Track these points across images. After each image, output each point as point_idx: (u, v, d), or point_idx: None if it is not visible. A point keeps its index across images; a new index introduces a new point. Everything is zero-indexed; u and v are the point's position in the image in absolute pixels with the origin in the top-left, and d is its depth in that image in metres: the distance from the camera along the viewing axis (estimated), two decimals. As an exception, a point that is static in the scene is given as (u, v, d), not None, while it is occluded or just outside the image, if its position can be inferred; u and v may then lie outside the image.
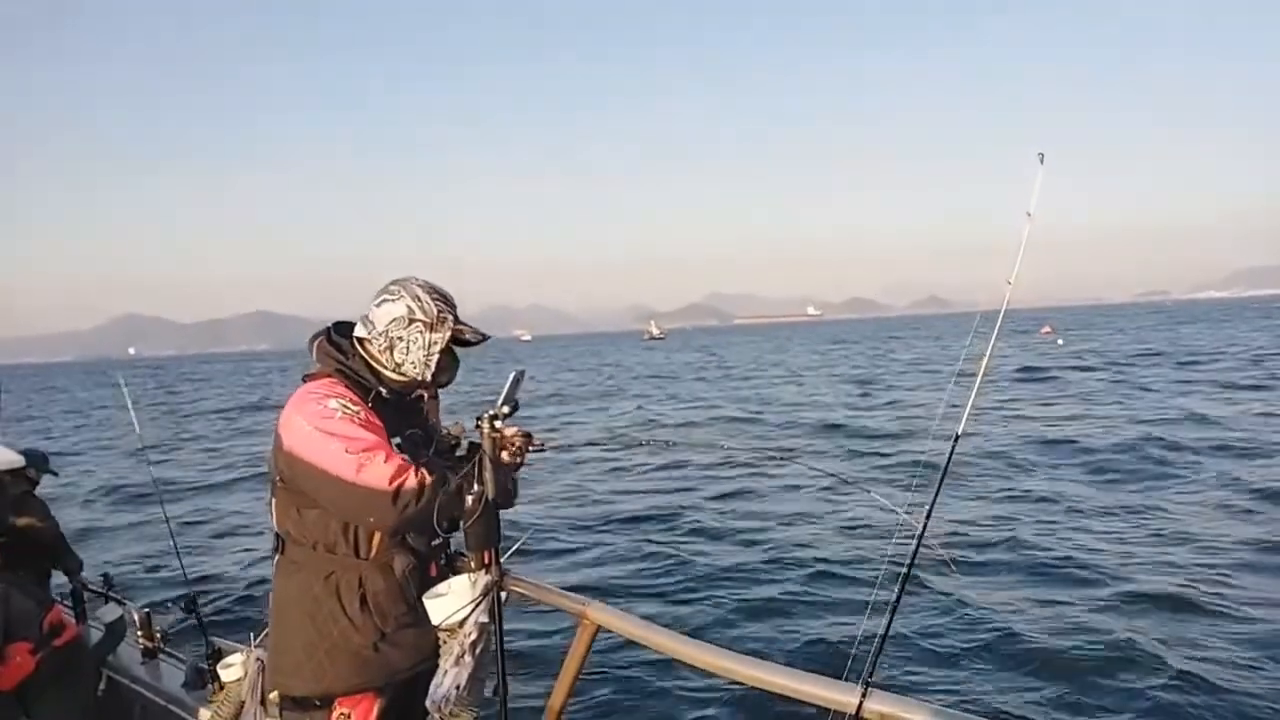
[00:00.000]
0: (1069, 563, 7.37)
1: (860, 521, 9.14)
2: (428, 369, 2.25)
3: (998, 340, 1.97)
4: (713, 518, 9.81)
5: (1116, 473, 11.41)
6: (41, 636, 3.28)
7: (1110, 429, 14.68)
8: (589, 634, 2.25)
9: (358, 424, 2.09)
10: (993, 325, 1.98)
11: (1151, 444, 12.96)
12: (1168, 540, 8.00)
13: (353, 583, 2.18)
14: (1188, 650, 5.48)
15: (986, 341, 1.98)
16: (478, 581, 2.14)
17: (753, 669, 1.90)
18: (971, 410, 1.90)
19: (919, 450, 13.34)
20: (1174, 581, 6.73)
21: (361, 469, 2.01)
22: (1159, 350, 36.28)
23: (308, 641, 2.18)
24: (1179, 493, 10.02)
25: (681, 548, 8.56)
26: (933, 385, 25.64)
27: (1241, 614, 6.02)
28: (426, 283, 2.27)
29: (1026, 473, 11.73)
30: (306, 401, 2.14)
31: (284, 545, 2.25)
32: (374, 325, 2.24)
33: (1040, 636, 5.77)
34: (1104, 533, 8.42)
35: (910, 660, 5.46)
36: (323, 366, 2.25)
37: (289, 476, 2.14)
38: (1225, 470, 11.01)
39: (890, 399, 22.97)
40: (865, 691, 1.65)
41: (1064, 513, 9.32)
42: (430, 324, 2.22)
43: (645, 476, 12.65)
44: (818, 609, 6.59)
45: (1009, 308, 1.95)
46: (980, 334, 2.03)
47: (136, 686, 3.77)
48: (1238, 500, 9.48)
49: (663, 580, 7.58)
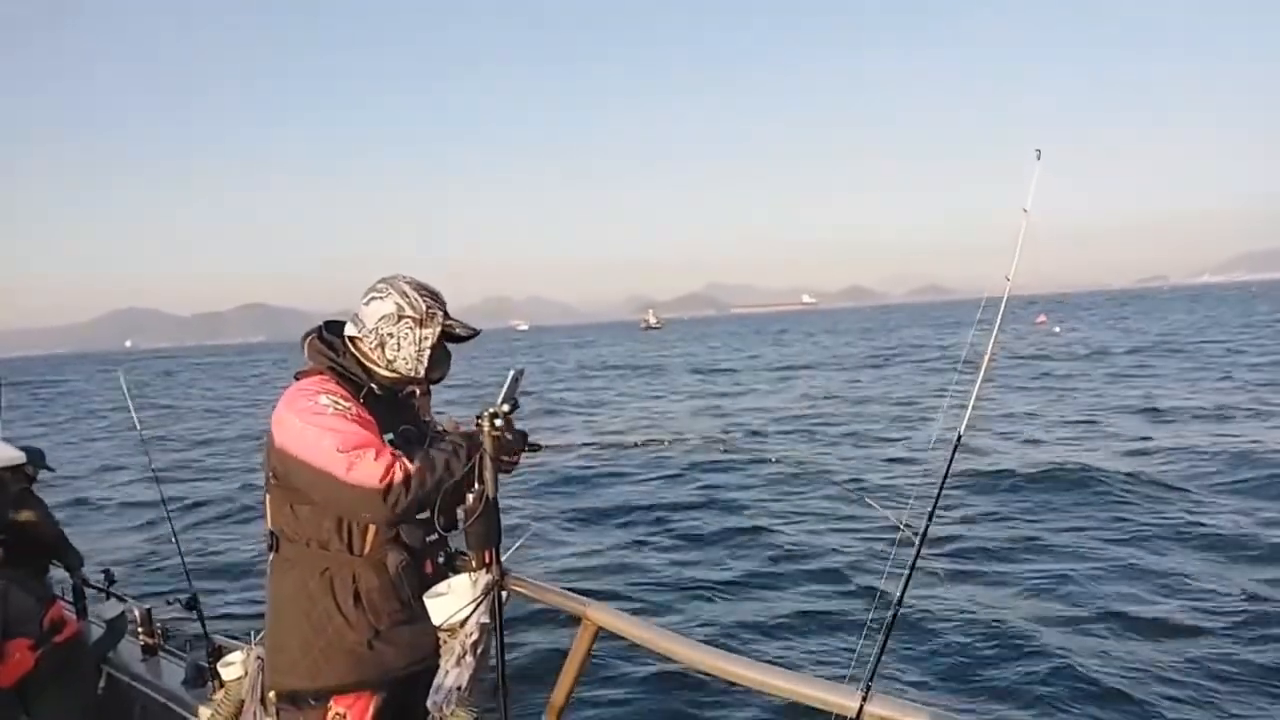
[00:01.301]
0: (1070, 563, 7.36)
1: (861, 523, 9.12)
2: (420, 364, 2.26)
3: (998, 337, 1.94)
4: (712, 519, 9.79)
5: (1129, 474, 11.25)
6: (42, 633, 3.28)
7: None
8: (590, 634, 2.24)
9: (349, 420, 2.09)
10: (992, 320, 1.95)
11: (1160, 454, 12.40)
12: (1180, 546, 7.89)
13: (347, 579, 2.18)
14: (1189, 652, 5.47)
15: (986, 338, 1.95)
16: (478, 581, 2.14)
17: (753, 671, 1.90)
18: (973, 411, 1.89)
19: (921, 451, 13.32)
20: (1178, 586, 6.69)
21: (352, 467, 2.02)
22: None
23: (303, 639, 2.19)
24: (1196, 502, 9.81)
25: (681, 549, 8.55)
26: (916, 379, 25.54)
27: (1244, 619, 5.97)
28: (414, 280, 2.29)
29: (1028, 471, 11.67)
30: (298, 398, 2.14)
31: (278, 543, 2.25)
32: (364, 323, 2.25)
33: (1041, 639, 5.77)
34: (1107, 536, 8.39)
35: (912, 663, 5.45)
36: (314, 364, 2.26)
37: (282, 473, 2.15)
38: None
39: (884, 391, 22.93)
40: (866, 695, 1.65)
41: (1065, 513, 9.30)
42: (419, 319, 2.24)
43: (645, 477, 12.62)
44: (818, 611, 6.58)
45: (1008, 304, 1.93)
46: (982, 328, 2.00)
47: (137, 684, 3.77)
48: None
49: (663, 582, 7.57)
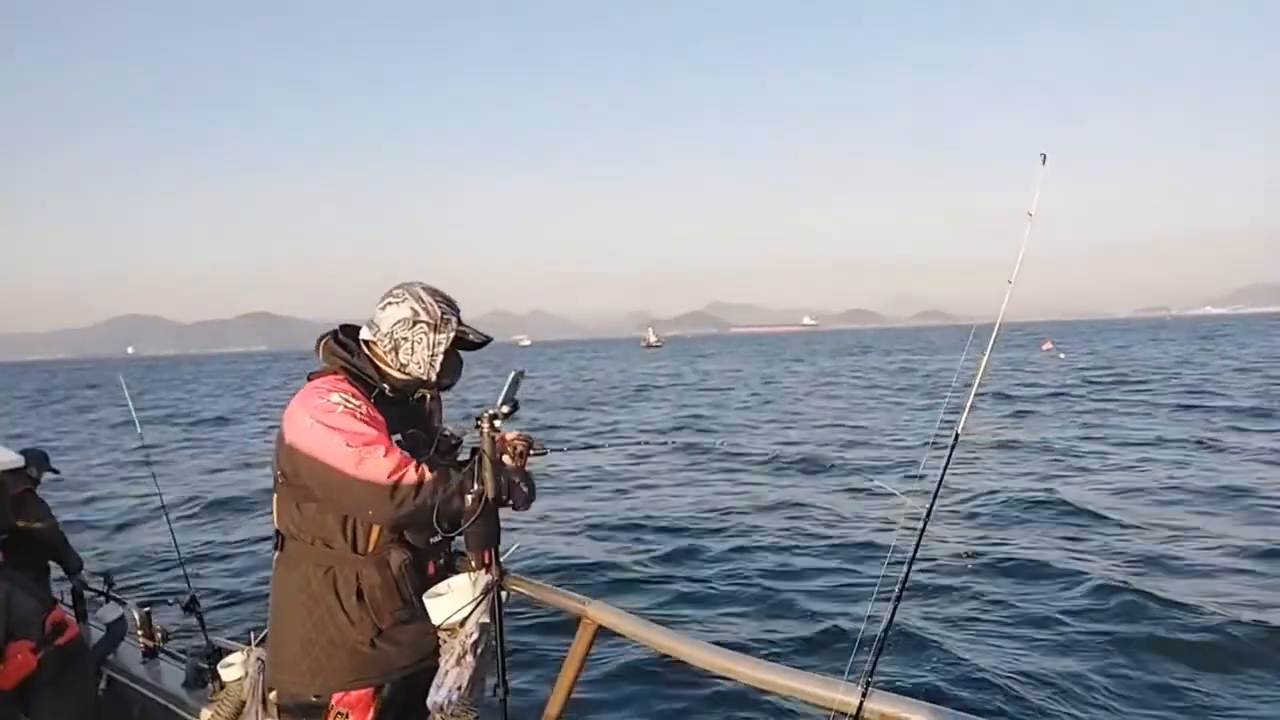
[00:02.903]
0: (1072, 565, 7.35)
1: (862, 523, 9.13)
2: (432, 369, 2.29)
3: (996, 343, 1.96)
4: (712, 519, 9.80)
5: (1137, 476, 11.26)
6: (44, 635, 3.28)
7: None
8: (589, 633, 2.25)
9: (359, 418, 2.11)
10: (991, 333, 1.97)
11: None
12: (1183, 547, 7.89)
13: (350, 578, 2.19)
14: (1191, 655, 5.46)
15: (986, 344, 1.98)
16: (478, 581, 2.14)
17: (753, 668, 1.91)
18: (971, 411, 1.90)
19: (923, 450, 13.33)
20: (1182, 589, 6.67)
21: (361, 462, 2.04)
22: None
23: (305, 638, 2.20)
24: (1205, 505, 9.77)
25: (681, 547, 8.55)
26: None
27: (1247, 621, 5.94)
28: (430, 286, 2.32)
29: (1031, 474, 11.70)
30: (310, 396, 2.17)
31: (284, 542, 2.27)
32: (379, 327, 2.28)
33: (1042, 639, 5.76)
34: (1110, 534, 8.40)
35: (911, 660, 5.45)
36: (328, 364, 2.28)
37: (290, 471, 2.17)
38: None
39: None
40: (866, 691, 1.66)
41: (1067, 513, 9.30)
42: (434, 325, 2.26)
43: (645, 477, 12.64)
44: (818, 609, 6.58)
45: (1010, 314, 1.95)
46: (978, 342, 2.03)
47: (137, 686, 3.76)
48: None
49: (663, 580, 7.57)
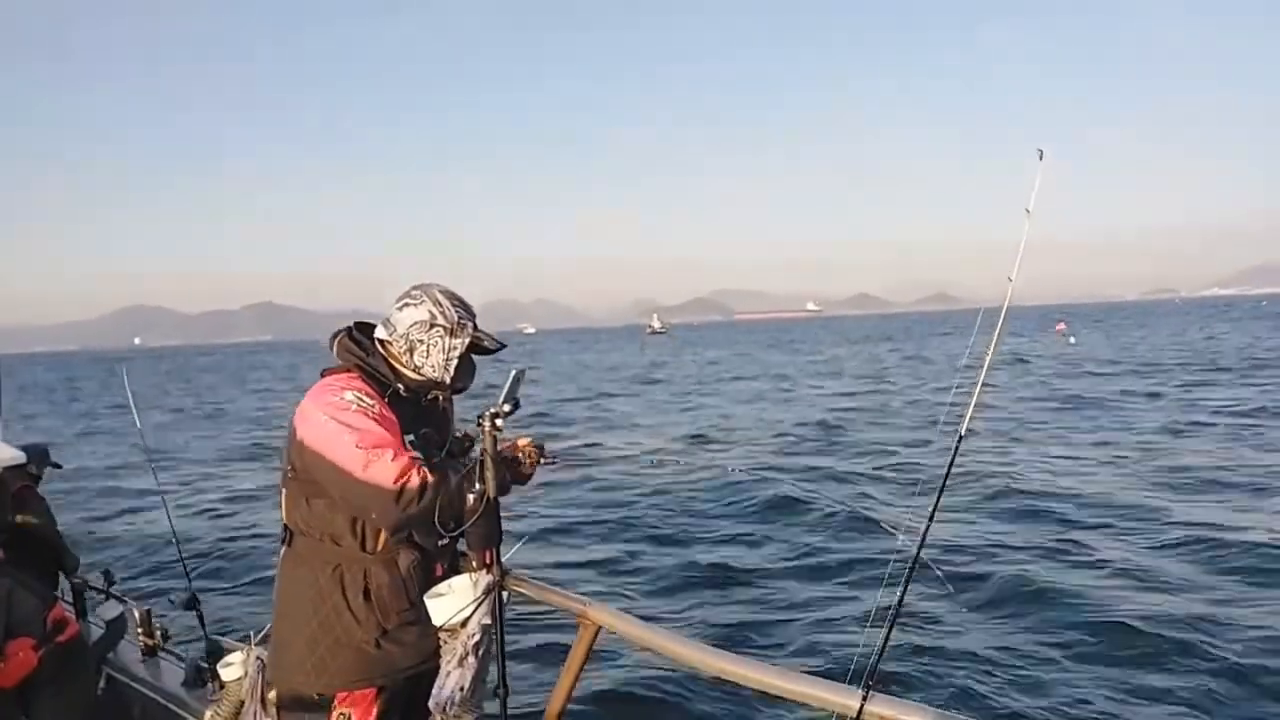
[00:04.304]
0: (1073, 564, 7.33)
1: (863, 524, 9.08)
2: (447, 373, 2.30)
3: (1000, 338, 1.95)
4: (712, 521, 9.77)
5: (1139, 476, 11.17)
6: (45, 633, 3.28)
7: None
8: (590, 634, 2.25)
9: (371, 418, 2.12)
10: (995, 322, 1.96)
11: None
12: (1184, 553, 7.73)
13: (358, 576, 2.19)
14: (1192, 657, 5.42)
15: (989, 339, 1.96)
16: (479, 581, 2.14)
17: (754, 671, 1.90)
18: (975, 409, 1.89)
19: (924, 449, 13.29)
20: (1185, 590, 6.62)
21: (369, 465, 2.04)
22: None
23: (310, 636, 2.20)
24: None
25: (681, 552, 8.50)
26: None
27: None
28: (447, 290, 2.33)
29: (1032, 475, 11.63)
30: (323, 393, 2.18)
31: (291, 538, 2.27)
32: (395, 328, 2.29)
33: (1042, 642, 5.73)
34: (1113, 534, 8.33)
35: (912, 664, 5.42)
36: (343, 362, 2.29)
37: (300, 467, 2.18)
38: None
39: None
40: (866, 695, 1.66)
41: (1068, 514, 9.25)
42: (450, 329, 2.27)
43: (645, 481, 12.60)
44: (819, 612, 6.54)
45: (1012, 304, 1.94)
46: (984, 332, 2.01)
47: (136, 685, 3.76)
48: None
49: (663, 583, 7.54)
